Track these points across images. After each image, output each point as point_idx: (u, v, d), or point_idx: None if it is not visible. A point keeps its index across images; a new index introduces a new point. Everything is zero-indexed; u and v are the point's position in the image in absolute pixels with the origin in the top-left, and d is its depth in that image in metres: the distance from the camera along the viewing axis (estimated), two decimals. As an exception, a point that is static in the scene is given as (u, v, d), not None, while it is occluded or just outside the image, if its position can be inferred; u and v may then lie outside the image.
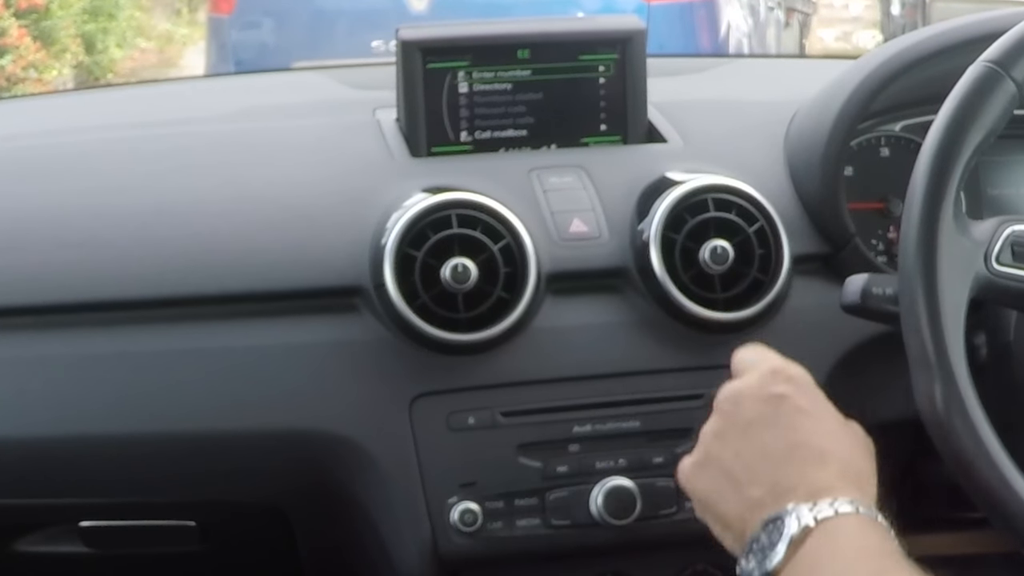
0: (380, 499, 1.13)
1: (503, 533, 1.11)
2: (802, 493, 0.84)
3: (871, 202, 1.26)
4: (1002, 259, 1.00)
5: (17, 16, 7.34)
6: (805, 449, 0.87)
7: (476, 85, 1.27)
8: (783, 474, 0.87)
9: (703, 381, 1.15)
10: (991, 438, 0.94)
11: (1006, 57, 0.98)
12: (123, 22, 9.27)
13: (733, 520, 0.88)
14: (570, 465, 1.13)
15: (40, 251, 1.17)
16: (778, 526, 0.83)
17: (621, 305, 1.17)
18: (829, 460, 0.87)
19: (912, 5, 8.99)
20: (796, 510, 0.83)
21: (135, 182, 1.23)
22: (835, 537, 0.82)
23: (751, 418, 0.90)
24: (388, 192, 1.18)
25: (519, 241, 1.13)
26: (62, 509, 1.21)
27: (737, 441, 0.90)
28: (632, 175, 1.22)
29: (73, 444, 1.14)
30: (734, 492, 0.89)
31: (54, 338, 1.14)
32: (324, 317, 1.15)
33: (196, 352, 1.14)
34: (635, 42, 1.28)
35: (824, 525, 0.82)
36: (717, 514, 0.91)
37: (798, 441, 0.88)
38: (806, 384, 0.93)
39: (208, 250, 1.17)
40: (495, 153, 1.28)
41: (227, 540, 1.27)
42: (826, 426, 0.90)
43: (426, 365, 1.12)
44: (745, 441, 0.90)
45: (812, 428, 0.89)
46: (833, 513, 0.82)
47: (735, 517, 0.88)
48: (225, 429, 1.14)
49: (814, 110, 1.26)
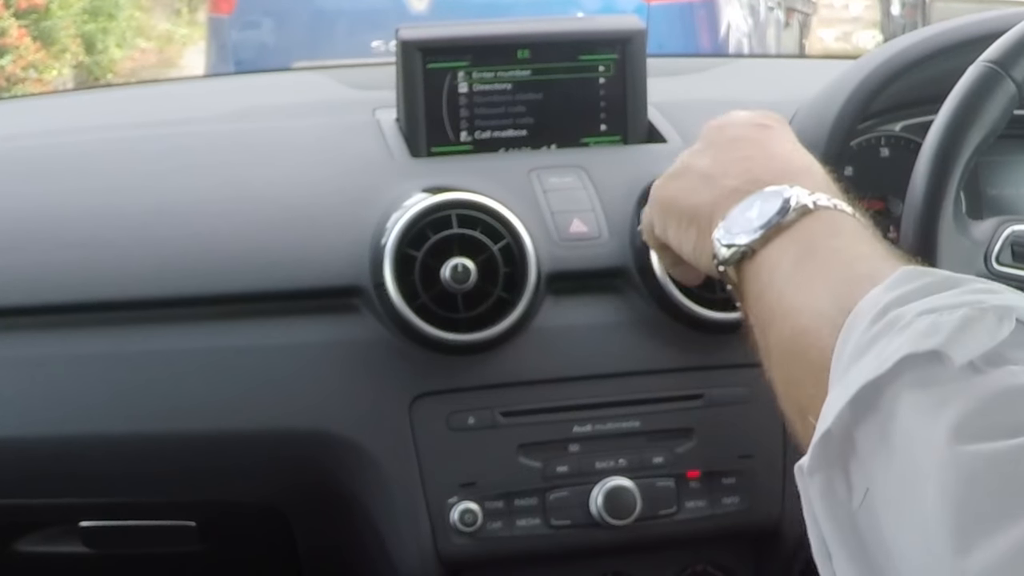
0: (380, 499, 1.13)
1: (503, 533, 1.11)
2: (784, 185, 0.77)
3: (871, 202, 1.26)
4: (1002, 259, 1.00)
5: (17, 16, 7.34)
6: (783, 161, 0.81)
7: (476, 85, 1.27)
8: (764, 169, 0.80)
9: (703, 381, 1.16)
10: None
11: (1006, 57, 0.98)
12: (123, 22, 9.27)
13: (704, 211, 0.81)
14: (570, 465, 1.13)
15: (40, 251, 1.17)
16: (769, 198, 0.76)
17: (621, 305, 1.17)
18: (815, 173, 0.80)
19: (912, 5, 8.99)
20: (793, 192, 0.75)
21: (135, 182, 1.23)
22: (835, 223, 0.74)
23: (734, 136, 0.85)
24: (388, 192, 1.18)
25: (519, 241, 1.13)
26: (62, 509, 1.21)
27: (715, 150, 0.84)
28: (632, 175, 1.21)
29: (73, 444, 1.14)
30: (706, 186, 0.82)
31: (54, 338, 1.14)
32: (324, 317, 1.15)
33: (196, 352, 1.14)
34: (635, 42, 1.28)
35: (823, 211, 0.74)
36: (683, 213, 0.84)
37: (783, 154, 0.82)
38: (786, 124, 0.88)
39: (208, 250, 1.17)
40: (495, 153, 1.28)
41: (227, 540, 1.27)
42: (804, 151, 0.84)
43: (426, 365, 1.12)
44: (724, 150, 0.84)
45: (797, 151, 0.83)
46: (832, 206, 0.75)
47: (705, 207, 0.81)
48: (225, 429, 1.14)
49: (814, 110, 1.26)
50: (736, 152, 0.84)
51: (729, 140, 0.85)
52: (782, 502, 1.15)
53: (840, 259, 0.71)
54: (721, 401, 1.15)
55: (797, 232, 0.74)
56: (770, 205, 0.76)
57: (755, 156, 0.83)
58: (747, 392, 1.15)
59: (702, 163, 0.85)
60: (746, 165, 0.81)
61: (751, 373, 1.15)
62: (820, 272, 0.71)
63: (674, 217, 0.85)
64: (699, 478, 1.14)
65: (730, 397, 1.15)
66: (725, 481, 1.14)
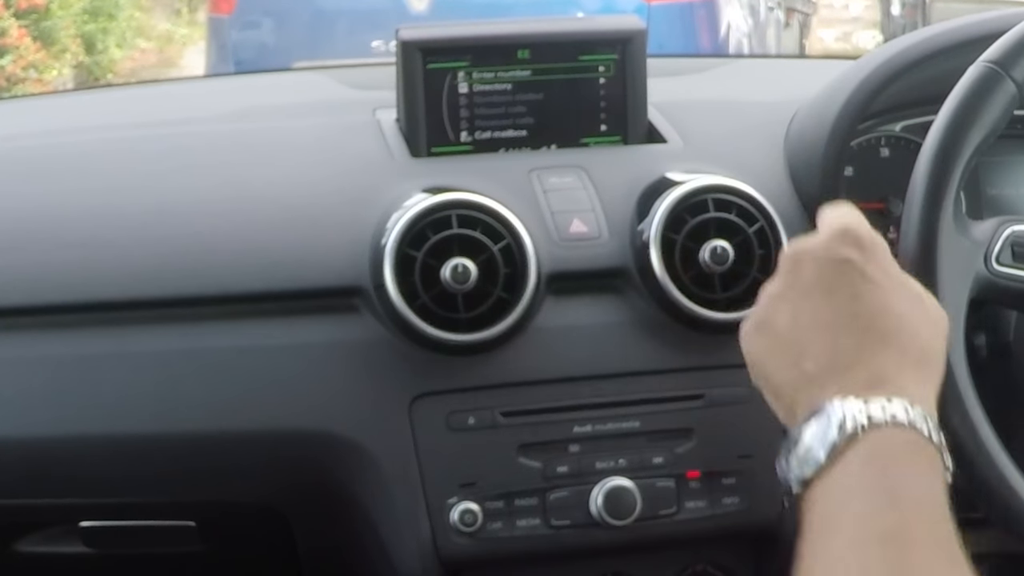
0: (380, 499, 1.13)
1: (503, 533, 1.11)
2: (858, 378, 0.79)
3: (871, 202, 1.26)
4: (1002, 259, 1.01)
5: (17, 16, 7.35)
6: (866, 322, 0.81)
7: (476, 85, 1.27)
8: (840, 348, 0.81)
9: (703, 381, 1.16)
10: (991, 438, 0.94)
11: (1006, 57, 0.98)
12: (123, 22, 9.27)
13: (785, 392, 0.84)
14: (570, 465, 1.13)
15: (40, 251, 1.17)
16: (822, 422, 0.78)
17: (621, 305, 1.17)
18: (891, 339, 0.81)
19: (912, 5, 8.99)
20: (845, 406, 0.77)
21: (135, 182, 1.23)
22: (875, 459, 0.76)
23: (811, 282, 0.84)
24: (388, 192, 1.18)
25: (519, 241, 1.13)
26: (62, 509, 1.21)
27: (796, 305, 0.84)
28: (632, 175, 1.22)
29: (73, 444, 1.14)
30: (788, 362, 0.83)
31: (54, 338, 1.14)
32: (324, 317, 1.15)
33: (196, 352, 1.14)
34: (635, 42, 1.28)
35: (869, 437, 0.76)
36: (769, 382, 0.86)
37: (858, 312, 0.82)
38: (876, 249, 0.86)
39: (208, 250, 1.17)
40: (495, 153, 1.28)
41: (227, 540, 1.27)
42: (892, 298, 0.83)
43: (426, 365, 1.12)
44: (803, 306, 0.84)
45: (876, 299, 0.82)
46: (884, 420, 0.76)
47: (787, 389, 0.83)
48: (225, 429, 1.14)
49: (814, 110, 1.26)
50: (813, 307, 0.84)
51: (805, 288, 0.85)
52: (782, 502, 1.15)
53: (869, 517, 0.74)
54: (721, 401, 1.15)
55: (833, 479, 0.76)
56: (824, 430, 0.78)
57: (830, 319, 0.83)
58: (747, 392, 1.14)
59: (781, 321, 0.85)
60: (822, 339, 0.82)
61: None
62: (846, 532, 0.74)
63: (762, 380, 0.87)
64: (699, 478, 1.14)
65: (730, 397, 1.15)
66: (725, 481, 1.14)
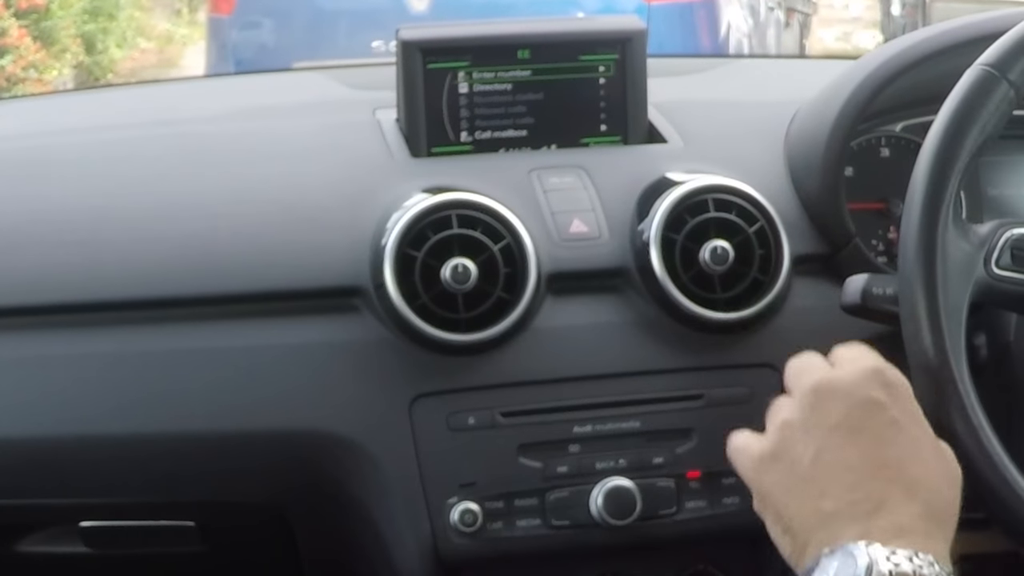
0: (380, 499, 1.13)
1: (503, 533, 1.11)
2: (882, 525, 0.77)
3: (871, 202, 1.26)
4: (1002, 263, 1.00)
5: (17, 16, 7.34)
6: (894, 471, 0.79)
7: (476, 85, 1.27)
8: (864, 493, 0.78)
9: (703, 381, 1.16)
10: (991, 439, 0.94)
11: (1003, 60, 0.98)
12: (123, 22, 9.27)
13: (798, 529, 0.80)
14: (570, 465, 1.13)
15: (40, 251, 1.17)
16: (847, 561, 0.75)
17: (621, 305, 1.17)
18: (917, 491, 0.79)
19: (912, 5, 8.99)
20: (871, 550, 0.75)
21: (135, 182, 1.23)
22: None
23: (839, 420, 0.82)
24: (388, 192, 1.18)
25: (519, 241, 1.13)
26: (62, 509, 1.21)
27: (819, 442, 0.81)
28: (632, 175, 1.22)
29: (73, 444, 1.14)
30: (805, 498, 0.80)
31: (54, 338, 1.14)
32: (324, 317, 1.15)
33: (196, 352, 1.14)
34: (635, 42, 1.28)
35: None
36: (780, 516, 0.82)
37: (887, 460, 0.80)
38: (904, 394, 0.85)
39: (208, 250, 1.17)
40: (495, 153, 1.28)
41: (227, 540, 1.27)
42: (918, 447, 0.82)
43: (426, 365, 1.12)
44: (828, 444, 0.81)
45: (904, 447, 0.81)
46: (911, 571, 0.74)
47: (800, 526, 0.80)
48: (225, 429, 1.13)
49: (814, 110, 1.26)
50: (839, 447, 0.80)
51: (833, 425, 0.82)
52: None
53: None
54: (721, 401, 1.15)
55: None
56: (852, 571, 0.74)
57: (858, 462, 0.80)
58: (747, 392, 1.15)
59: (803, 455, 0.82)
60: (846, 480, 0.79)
61: (751, 373, 1.16)
62: None
63: (771, 513, 0.84)
64: (699, 478, 1.14)
65: (730, 397, 1.15)
66: (725, 481, 1.14)
